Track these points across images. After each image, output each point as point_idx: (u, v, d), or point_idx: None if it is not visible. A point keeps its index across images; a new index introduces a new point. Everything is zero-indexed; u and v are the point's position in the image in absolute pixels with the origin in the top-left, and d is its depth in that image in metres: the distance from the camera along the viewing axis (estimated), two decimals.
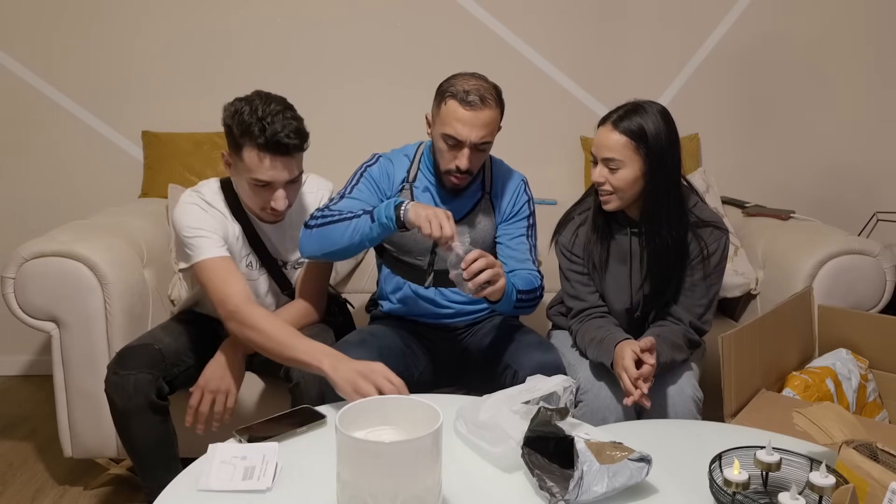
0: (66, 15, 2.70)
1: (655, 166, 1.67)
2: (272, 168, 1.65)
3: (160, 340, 1.76)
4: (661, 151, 1.66)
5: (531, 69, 2.81)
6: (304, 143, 1.69)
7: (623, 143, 1.66)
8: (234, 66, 2.74)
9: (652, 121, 1.66)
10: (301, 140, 1.68)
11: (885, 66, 2.84)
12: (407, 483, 1.02)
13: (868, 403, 1.88)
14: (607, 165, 1.69)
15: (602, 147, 1.69)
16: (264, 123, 1.62)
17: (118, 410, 1.67)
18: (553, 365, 1.67)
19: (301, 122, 1.69)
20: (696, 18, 2.80)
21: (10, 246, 2.04)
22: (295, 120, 1.67)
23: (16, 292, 1.92)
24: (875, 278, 2.10)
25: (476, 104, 1.69)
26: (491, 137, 1.75)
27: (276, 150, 1.64)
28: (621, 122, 1.67)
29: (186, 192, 1.80)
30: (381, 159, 1.87)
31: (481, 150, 1.75)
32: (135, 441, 1.71)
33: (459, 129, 1.69)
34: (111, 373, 1.67)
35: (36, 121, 2.77)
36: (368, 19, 2.75)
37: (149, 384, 1.66)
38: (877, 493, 1.13)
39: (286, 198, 1.70)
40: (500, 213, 1.88)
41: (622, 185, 1.68)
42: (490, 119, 1.71)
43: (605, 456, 1.16)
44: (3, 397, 2.75)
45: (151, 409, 1.67)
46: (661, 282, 1.76)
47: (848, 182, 2.92)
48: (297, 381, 1.69)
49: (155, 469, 1.74)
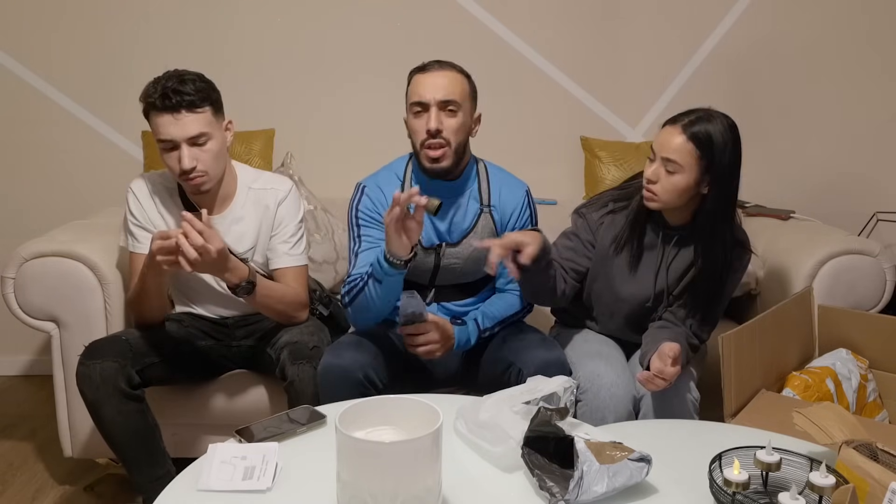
0: (67, 15, 2.70)
1: (714, 180, 1.65)
2: (168, 124, 1.70)
3: (129, 333, 1.79)
4: (724, 167, 1.65)
5: (531, 69, 2.81)
6: (198, 100, 1.71)
7: (688, 150, 1.63)
8: (235, 66, 2.74)
9: (721, 133, 1.64)
10: (195, 96, 1.70)
11: (884, 66, 2.84)
12: (407, 483, 1.02)
13: (868, 403, 1.88)
14: (665, 166, 1.66)
15: (664, 146, 1.66)
16: (157, 85, 1.70)
17: (89, 401, 1.69)
18: (557, 363, 1.67)
19: (199, 82, 1.74)
20: (696, 18, 2.79)
21: (10, 246, 2.04)
22: (191, 82, 1.72)
23: (16, 292, 1.93)
24: (875, 278, 2.10)
25: (433, 67, 1.74)
26: (457, 98, 1.71)
27: (166, 107, 1.68)
28: (691, 127, 1.64)
29: (137, 177, 1.89)
30: (367, 189, 1.82)
31: (451, 112, 1.71)
32: (111, 431, 1.71)
33: (421, 91, 1.71)
34: (79, 365, 1.69)
35: (36, 121, 2.77)
36: (369, 19, 2.75)
37: (116, 371, 1.67)
38: (877, 493, 1.13)
39: (192, 157, 1.72)
40: (502, 227, 1.84)
41: (673, 188, 1.66)
42: (451, 79, 1.72)
43: (605, 456, 1.16)
44: (3, 397, 2.75)
45: (122, 396, 1.68)
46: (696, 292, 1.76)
47: (848, 182, 2.92)
48: (291, 380, 1.69)
49: (139, 462, 1.75)
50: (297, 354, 1.71)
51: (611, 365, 1.71)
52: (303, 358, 1.70)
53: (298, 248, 1.90)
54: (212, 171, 1.76)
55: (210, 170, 1.76)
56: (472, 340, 1.78)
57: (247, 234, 1.87)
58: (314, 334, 1.80)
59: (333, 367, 1.64)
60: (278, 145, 2.68)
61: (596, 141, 2.72)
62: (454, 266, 1.82)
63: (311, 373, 1.68)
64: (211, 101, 1.75)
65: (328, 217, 2.47)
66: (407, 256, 1.60)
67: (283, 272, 1.88)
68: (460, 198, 1.82)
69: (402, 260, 1.60)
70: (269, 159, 2.67)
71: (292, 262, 1.88)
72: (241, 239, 1.86)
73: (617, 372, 1.69)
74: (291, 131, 2.74)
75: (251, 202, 1.88)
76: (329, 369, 1.64)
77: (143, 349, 1.76)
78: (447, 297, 1.85)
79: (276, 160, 2.65)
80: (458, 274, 1.83)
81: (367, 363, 1.65)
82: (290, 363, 1.70)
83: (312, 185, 2.52)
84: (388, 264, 1.60)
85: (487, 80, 2.78)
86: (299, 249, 1.90)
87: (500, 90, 2.79)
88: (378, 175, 1.86)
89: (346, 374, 1.62)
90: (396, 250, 1.59)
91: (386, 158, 1.93)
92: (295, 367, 1.69)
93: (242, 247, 1.86)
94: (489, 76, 2.80)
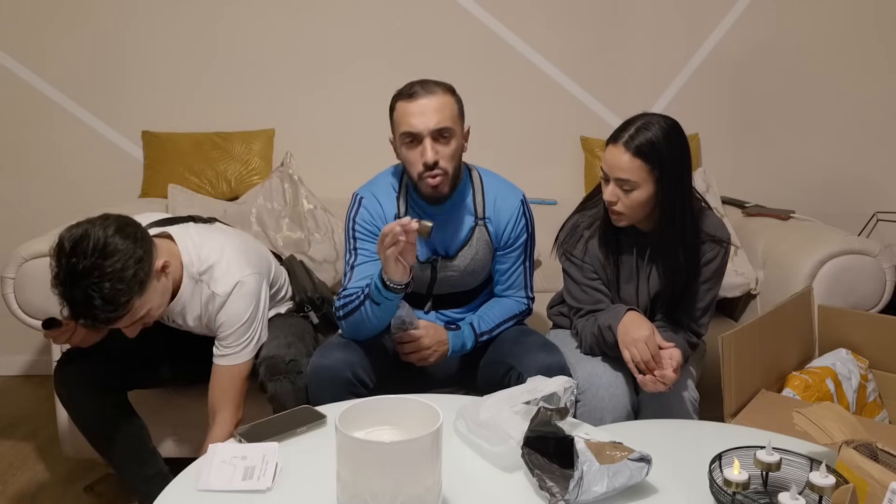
0: (67, 15, 2.70)
1: (668, 185, 1.65)
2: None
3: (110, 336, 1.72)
4: (674, 169, 1.64)
5: (531, 69, 2.81)
6: (115, 317, 1.46)
7: (637, 166, 1.62)
8: (235, 66, 2.74)
9: (663, 138, 1.62)
10: (108, 319, 1.46)
11: (884, 66, 2.84)
12: (407, 483, 1.02)
13: (868, 403, 1.88)
14: (620, 186, 1.65)
15: (614, 168, 1.65)
16: (65, 297, 1.44)
17: (66, 404, 1.69)
18: (557, 366, 1.66)
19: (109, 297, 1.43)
20: (696, 18, 2.79)
21: (10, 246, 2.03)
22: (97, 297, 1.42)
23: (16, 292, 1.93)
24: (875, 278, 2.10)
25: (419, 93, 1.64)
26: (450, 123, 1.65)
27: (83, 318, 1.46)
28: (633, 142, 1.62)
29: None
30: (365, 200, 1.78)
31: (445, 139, 1.66)
32: (94, 433, 1.71)
33: (413, 121, 1.63)
34: (55, 372, 1.69)
35: (36, 121, 2.77)
36: (369, 20, 2.75)
37: (89, 372, 1.67)
38: (877, 493, 1.13)
39: (136, 329, 1.58)
40: (497, 239, 1.82)
41: (635, 205, 1.65)
42: (440, 104, 1.64)
43: (605, 456, 1.16)
44: (3, 397, 2.75)
45: (99, 394, 1.68)
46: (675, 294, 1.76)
47: (848, 182, 2.92)
48: (272, 394, 1.69)
49: (129, 463, 1.74)
50: (273, 370, 1.69)
51: (609, 365, 1.71)
52: (279, 374, 1.68)
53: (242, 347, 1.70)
54: (153, 319, 1.61)
55: (151, 322, 1.62)
56: (469, 345, 1.77)
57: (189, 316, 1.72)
58: (291, 346, 1.74)
59: (322, 368, 1.63)
60: (278, 145, 2.68)
61: (596, 141, 2.72)
62: (451, 277, 1.81)
63: (290, 388, 1.67)
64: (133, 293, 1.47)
65: (328, 216, 2.47)
66: (406, 280, 1.58)
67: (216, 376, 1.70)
68: (454, 212, 1.79)
69: (401, 285, 1.58)
70: (269, 159, 2.67)
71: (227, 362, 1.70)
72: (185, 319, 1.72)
73: (615, 372, 1.69)
74: (291, 131, 2.74)
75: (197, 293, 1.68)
76: (317, 370, 1.64)
77: (120, 352, 1.73)
78: (445, 306, 1.85)
79: (276, 160, 2.65)
80: (456, 284, 1.83)
81: (355, 362, 1.64)
82: (268, 379, 1.69)
83: (312, 185, 2.52)
84: (386, 289, 1.58)
85: (487, 81, 2.80)
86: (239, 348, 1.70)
87: (501, 90, 2.79)
88: (375, 185, 1.82)
89: (335, 375, 1.61)
90: (395, 276, 1.57)
91: (385, 158, 1.92)
92: (273, 384, 1.68)
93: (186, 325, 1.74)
94: (489, 76, 2.80)
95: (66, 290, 1.43)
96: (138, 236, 1.49)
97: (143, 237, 1.51)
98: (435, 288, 1.82)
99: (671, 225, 1.69)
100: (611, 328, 1.67)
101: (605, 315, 1.71)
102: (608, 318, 1.69)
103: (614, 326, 1.66)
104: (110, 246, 1.43)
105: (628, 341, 1.62)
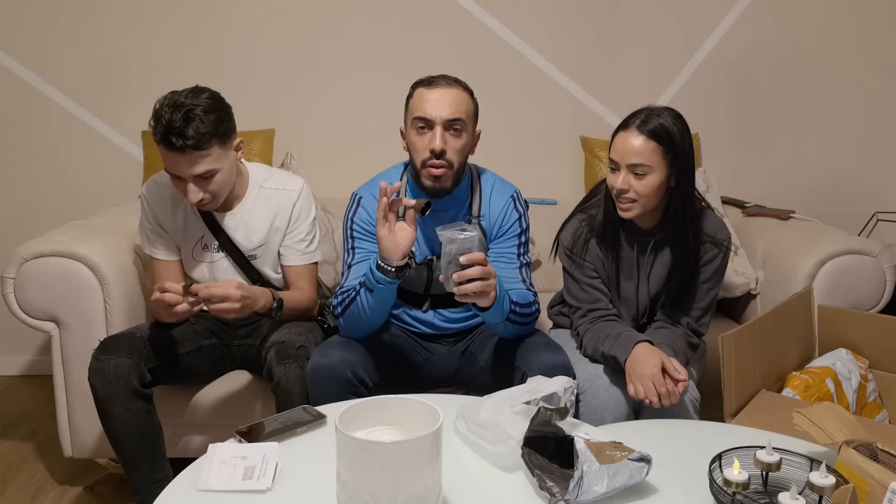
0: (66, 15, 2.70)
1: (680, 170, 1.65)
2: (173, 162, 1.68)
3: (143, 330, 1.79)
4: (685, 155, 1.65)
5: (531, 69, 2.81)
6: (203, 141, 1.65)
7: (651, 149, 1.62)
8: (235, 66, 2.74)
9: (673, 124, 1.64)
10: (199, 139, 1.64)
11: (884, 66, 2.84)
12: (407, 483, 1.02)
13: (868, 403, 1.88)
14: (633, 171, 1.64)
15: (628, 153, 1.64)
16: (160, 120, 1.65)
17: (99, 397, 1.69)
18: (562, 366, 1.65)
19: (203, 121, 1.65)
20: (696, 18, 2.80)
21: (10, 246, 2.04)
22: (197, 120, 1.64)
23: (16, 292, 1.93)
24: (875, 278, 2.10)
25: (439, 82, 1.69)
26: (463, 116, 1.68)
27: (170, 148, 1.65)
28: (646, 126, 1.63)
29: (149, 180, 1.90)
30: (363, 200, 1.79)
31: (456, 131, 1.68)
32: (118, 430, 1.71)
33: (427, 108, 1.67)
34: (93, 359, 1.69)
35: (36, 121, 2.77)
36: (368, 20, 2.75)
37: (129, 368, 1.67)
38: (877, 493, 1.13)
39: (200, 191, 1.71)
40: (490, 233, 1.82)
41: (648, 191, 1.65)
42: (457, 97, 1.68)
43: (605, 456, 1.16)
44: (3, 397, 2.75)
45: (133, 394, 1.68)
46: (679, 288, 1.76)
47: (848, 182, 2.92)
48: (278, 380, 1.69)
49: (140, 463, 1.74)
50: (283, 354, 1.70)
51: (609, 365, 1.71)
52: (289, 358, 1.70)
53: (312, 245, 1.95)
54: (220, 194, 1.77)
55: (218, 194, 1.76)
56: (505, 306, 1.65)
57: (257, 231, 1.89)
58: (302, 334, 1.78)
59: (321, 366, 1.63)
60: (278, 145, 2.68)
61: (596, 141, 2.72)
62: None
63: (298, 372, 1.67)
64: (217, 135, 1.69)
65: (328, 217, 2.47)
66: (399, 263, 1.57)
67: (294, 269, 1.93)
68: (452, 210, 1.79)
69: (393, 266, 1.57)
70: (269, 159, 2.67)
71: (303, 261, 1.93)
72: (250, 236, 1.89)
73: (616, 372, 1.69)
74: (291, 131, 2.74)
75: (262, 200, 1.89)
76: (317, 369, 1.63)
77: (156, 347, 1.76)
78: (443, 305, 1.84)
79: (276, 160, 2.65)
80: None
81: (355, 361, 1.63)
82: (276, 363, 1.70)
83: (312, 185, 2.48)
84: (380, 272, 1.58)
85: (488, 80, 2.80)
86: (312, 247, 1.95)
87: (501, 90, 2.79)
88: (374, 185, 1.81)
89: (334, 373, 1.61)
90: (388, 252, 1.56)
91: (385, 158, 1.93)
92: (281, 367, 1.68)
93: (252, 244, 1.89)
94: (489, 76, 2.80)
95: (165, 113, 1.64)
96: (227, 106, 1.75)
97: (230, 110, 1.76)
98: (432, 288, 1.82)
99: (678, 215, 1.69)
100: (617, 359, 1.66)
101: (614, 345, 1.68)
102: (616, 349, 1.66)
103: (620, 359, 1.65)
104: (205, 93, 1.71)
105: (635, 378, 1.60)
